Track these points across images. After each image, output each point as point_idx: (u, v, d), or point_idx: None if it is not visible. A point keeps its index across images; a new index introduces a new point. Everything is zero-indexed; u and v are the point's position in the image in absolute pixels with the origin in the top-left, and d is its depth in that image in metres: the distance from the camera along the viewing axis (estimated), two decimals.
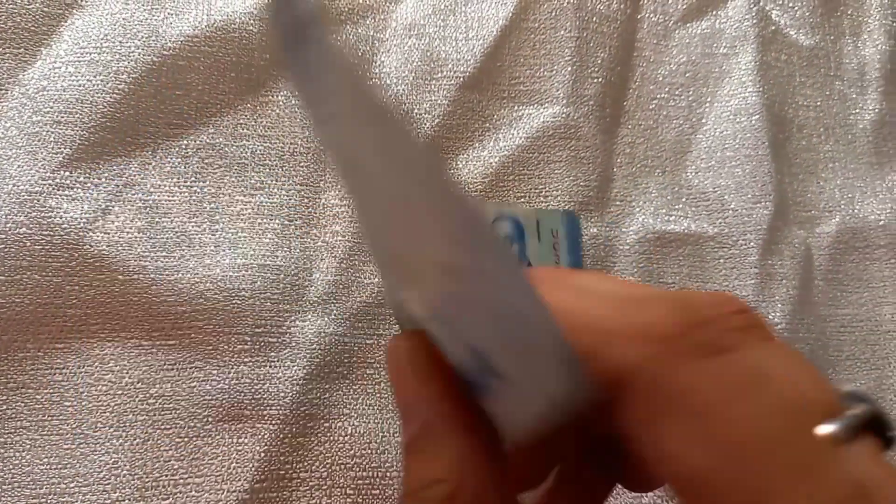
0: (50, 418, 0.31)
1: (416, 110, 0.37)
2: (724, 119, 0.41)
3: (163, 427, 0.32)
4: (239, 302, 0.33)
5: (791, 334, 0.38)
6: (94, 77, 0.34)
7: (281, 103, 0.37)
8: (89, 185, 0.33)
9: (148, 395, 0.32)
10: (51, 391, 0.31)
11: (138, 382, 0.32)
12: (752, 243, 0.38)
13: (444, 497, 0.19)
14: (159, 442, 0.32)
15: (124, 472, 0.31)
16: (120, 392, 0.32)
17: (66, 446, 0.31)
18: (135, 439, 0.32)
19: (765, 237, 0.38)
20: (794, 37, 0.44)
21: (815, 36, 0.43)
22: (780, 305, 0.38)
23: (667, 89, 0.42)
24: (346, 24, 0.39)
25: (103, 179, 0.34)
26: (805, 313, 0.39)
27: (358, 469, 0.33)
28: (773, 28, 0.43)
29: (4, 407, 0.31)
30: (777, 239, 0.39)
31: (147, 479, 0.31)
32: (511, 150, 0.38)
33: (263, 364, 0.33)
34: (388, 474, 0.33)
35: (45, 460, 0.31)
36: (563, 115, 0.39)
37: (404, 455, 0.20)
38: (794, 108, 0.42)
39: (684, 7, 0.43)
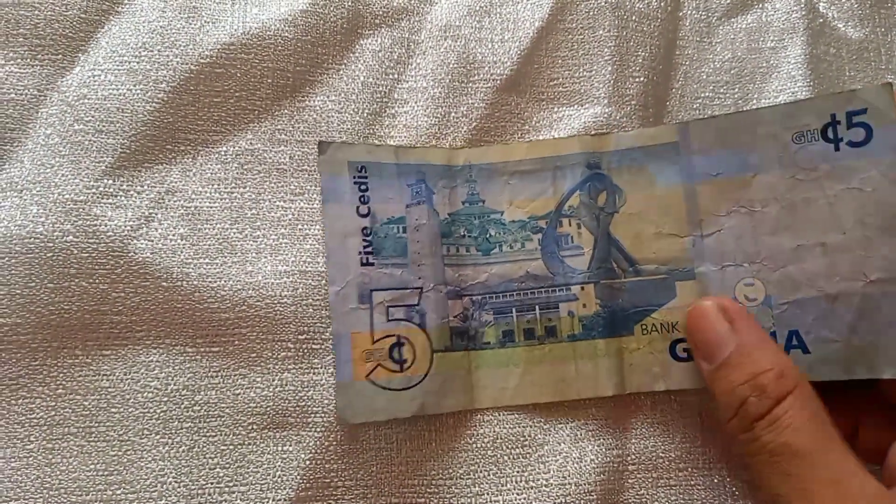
0: (97, 425, 0.33)
1: (452, 114, 0.39)
2: None
3: (208, 434, 0.34)
4: (281, 309, 0.35)
5: None
6: (135, 86, 0.36)
7: (318, 108, 0.39)
8: (132, 192, 0.36)
9: (193, 402, 0.34)
10: (98, 397, 0.34)
11: (183, 389, 0.34)
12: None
13: (777, 376, 0.30)
14: (205, 449, 0.34)
15: (170, 479, 0.33)
16: (166, 399, 0.34)
17: (112, 453, 0.33)
18: (180, 447, 0.34)
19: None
20: (842, 29, 0.45)
21: (864, 28, 0.45)
22: None
23: (711, 87, 0.43)
24: (380, 27, 0.41)
25: (146, 187, 0.36)
26: None
27: (403, 477, 0.35)
28: (822, 20, 0.45)
29: (53, 413, 0.33)
30: None
31: (193, 487, 0.33)
32: None
33: (307, 371, 0.35)
34: (433, 482, 0.35)
35: (92, 467, 0.33)
36: (605, 116, 0.40)
37: (718, 374, 0.32)
38: None
39: (728, 2, 0.44)
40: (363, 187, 0.37)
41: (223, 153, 0.37)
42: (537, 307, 0.37)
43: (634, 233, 0.38)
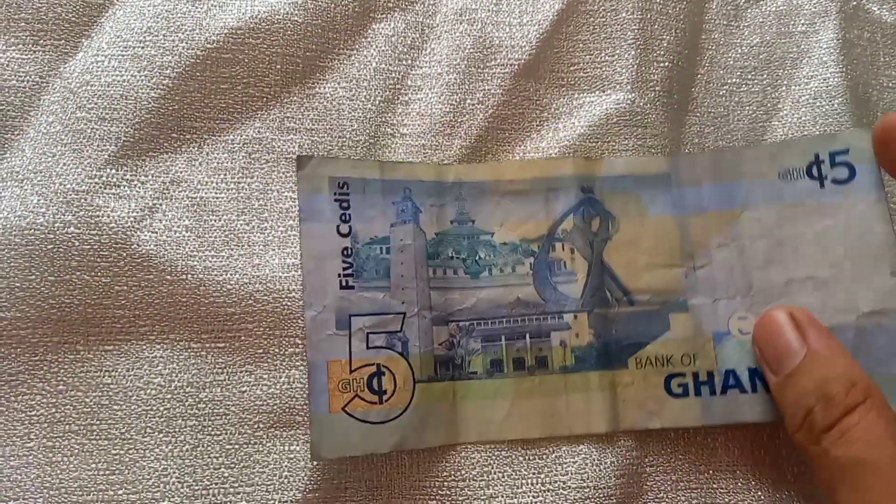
0: (99, 422, 0.32)
1: (468, 101, 0.38)
2: (802, 103, 0.41)
3: (213, 433, 0.33)
4: (289, 304, 0.34)
5: None
6: (139, 72, 0.35)
7: (328, 95, 0.37)
8: (136, 182, 0.35)
9: (198, 399, 0.33)
10: (100, 394, 0.33)
11: (188, 386, 0.33)
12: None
13: (847, 386, 0.29)
14: (209, 449, 0.33)
15: (173, 479, 0.32)
16: (169, 396, 0.33)
17: (114, 452, 0.32)
18: (184, 445, 0.33)
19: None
20: (876, 13, 0.43)
21: None
22: None
23: (738, 73, 0.42)
24: (393, 11, 0.39)
25: (150, 177, 0.35)
26: None
27: (414, 478, 0.34)
28: (855, 3, 0.43)
29: (53, 410, 0.32)
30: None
31: (196, 488, 0.32)
32: (572, 140, 0.38)
33: None
34: (445, 483, 0.34)
35: (94, 466, 0.32)
36: (628, 102, 0.39)
37: (786, 384, 0.31)
38: (878, 89, 0.42)
39: None
40: (344, 205, 0.35)
41: (230, 142, 0.36)
42: (528, 335, 0.35)
43: (627, 261, 0.36)
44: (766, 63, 0.42)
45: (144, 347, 0.33)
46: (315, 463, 0.33)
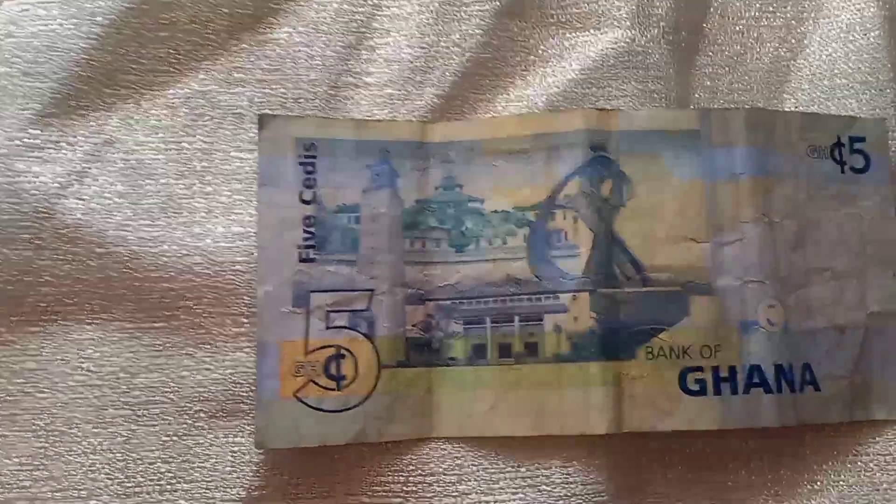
0: (21, 412, 0.29)
1: (442, 43, 0.33)
2: (832, 38, 0.35)
3: (148, 424, 0.30)
4: (233, 277, 0.30)
5: None
6: (67, 20, 0.31)
7: (283, 42, 0.33)
8: (63, 144, 0.31)
9: (132, 386, 0.30)
10: (23, 381, 0.29)
11: (121, 372, 0.30)
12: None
13: None
14: (143, 441, 0.29)
15: (103, 475, 0.29)
16: (100, 383, 0.30)
17: (38, 444, 0.29)
18: (116, 437, 0.29)
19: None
20: None
21: None
22: None
23: (758, 5, 0.36)
24: None
25: (79, 138, 0.31)
26: None
27: (376, 473, 0.30)
28: None
29: None
30: None
31: (128, 485, 0.29)
32: (563, 86, 0.33)
33: None
34: (411, 479, 0.30)
35: (16, 460, 0.29)
36: (627, 41, 0.34)
37: None
38: None
39: None
40: (309, 169, 0.31)
41: (170, 97, 0.32)
42: (517, 318, 0.31)
43: (644, 233, 0.31)
44: None
45: (72, 329, 0.30)
46: (262, 456, 0.29)
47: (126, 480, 0.29)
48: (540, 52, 0.34)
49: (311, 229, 0.30)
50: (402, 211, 0.31)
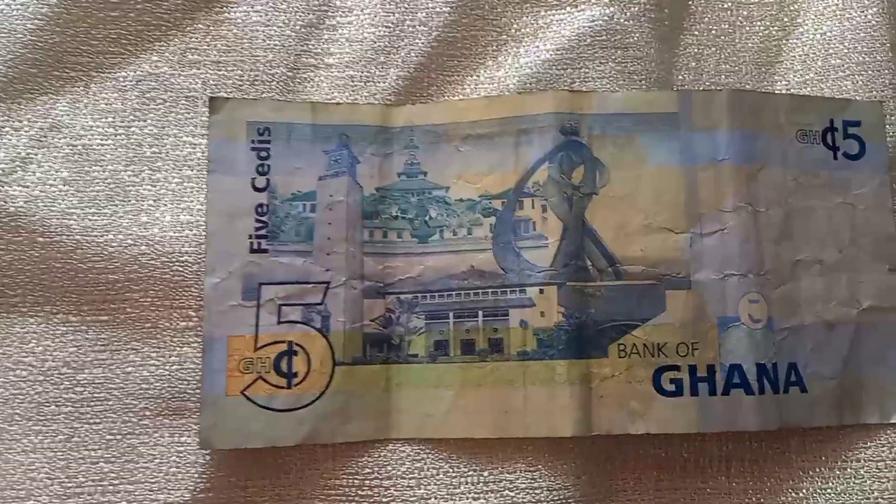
0: None
1: (407, 22, 0.32)
2: (827, 16, 0.33)
3: (91, 421, 0.28)
4: (181, 269, 0.29)
5: None
6: (13, 0, 0.30)
7: (239, 21, 0.32)
8: (7, 129, 0.30)
9: (75, 382, 0.29)
10: None
11: (63, 367, 0.29)
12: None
13: None
14: (86, 439, 0.28)
15: (42, 475, 0.28)
16: (42, 378, 0.29)
17: None
18: (57, 436, 0.28)
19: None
20: None
21: None
22: None
23: None
24: None
25: (24, 122, 0.30)
26: None
27: (330, 476, 0.28)
28: None
29: None
30: None
31: (69, 485, 0.28)
32: (536, 67, 0.31)
33: None
34: (367, 482, 0.28)
35: None
36: (606, 18, 0.32)
37: None
38: None
39: None
40: (263, 154, 0.29)
41: (121, 79, 0.31)
42: (481, 313, 0.29)
43: (617, 223, 0.29)
44: None
45: (14, 321, 0.29)
46: (209, 457, 0.28)
47: (67, 480, 0.28)
48: (512, 31, 0.33)
49: (264, 218, 0.29)
50: (362, 199, 0.30)
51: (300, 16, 0.32)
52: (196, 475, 0.28)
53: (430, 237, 0.30)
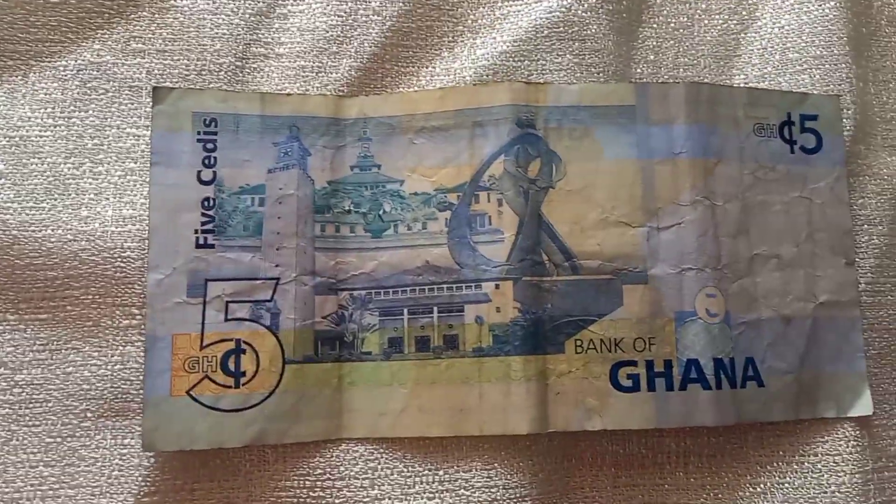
0: None
1: (360, 12, 0.31)
2: (785, 9, 0.33)
3: (30, 424, 0.28)
4: (122, 265, 0.28)
5: (875, 297, 0.31)
6: None
7: (186, 9, 0.31)
8: None
9: (12, 382, 0.28)
10: None
11: (1, 367, 0.28)
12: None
13: None
14: (25, 442, 0.27)
15: None
16: None
17: None
18: None
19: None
20: None
21: None
22: (863, 258, 0.30)
23: None
24: None
25: None
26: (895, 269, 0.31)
27: (280, 478, 0.28)
28: None
29: None
30: (858, 168, 0.31)
31: (7, 490, 0.27)
32: (493, 59, 0.31)
33: None
34: (319, 482, 0.28)
35: None
36: (563, 10, 0.32)
37: None
38: None
39: None
40: (209, 146, 0.28)
41: (61, 69, 0.30)
42: (436, 309, 0.29)
43: (573, 216, 0.29)
44: None
45: None
46: (152, 459, 0.27)
47: (4, 485, 0.27)
48: (469, 21, 0.32)
49: (210, 212, 0.28)
50: (313, 192, 0.29)
51: (250, 4, 0.31)
52: (140, 478, 0.27)
53: (384, 232, 0.29)
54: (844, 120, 0.32)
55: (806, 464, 0.30)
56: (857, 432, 0.30)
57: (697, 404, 0.28)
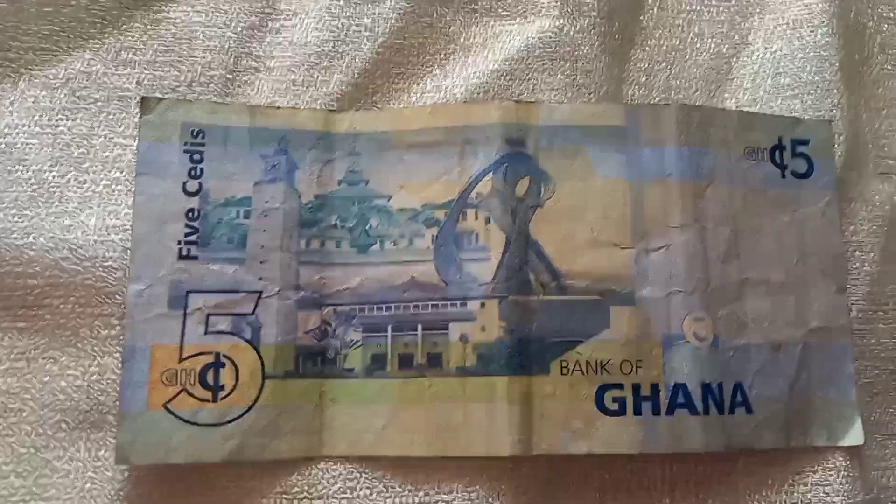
0: None
1: (352, 27, 0.31)
2: (777, 35, 0.34)
3: (2, 433, 0.27)
4: (104, 274, 0.28)
5: (866, 325, 0.31)
6: None
7: (178, 21, 0.31)
8: None
9: None
10: None
11: None
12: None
13: None
14: None
15: None
16: None
17: None
18: None
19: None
20: None
21: None
22: (855, 284, 0.31)
23: None
24: None
25: None
26: (888, 296, 0.31)
27: (257, 493, 0.28)
28: None
29: None
30: (849, 195, 0.32)
31: None
32: (483, 77, 0.31)
33: None
34: (297, 500, 0.27)
35: None
36: (555, 30, 0.32)
37: None
38: (875, 19, 0.35)
39: None
40: (196, 157, 0.29)
41: (51, 77, 0.30)
42: (420, 327, 0.29)
43: (562, 235, 0.29)
44: None
45: None
46: (127, 473, 0.27)
47: None
48: (461, 40, 0.32)
49: (195, 223, 0.28)
50: (300, 206, 0.29)
51: (242, 17, 0.31)
52: (113, 492, 0.27)
53: (370, 247, 0.29)
54: (836, 146, 0.32)
55: (795, 493, 0.29)
56: (849, 462, 0.29)
57: (685, 430, 0.28)
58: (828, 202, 0.31)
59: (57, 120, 0.30)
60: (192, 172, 0.28)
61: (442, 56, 0.32)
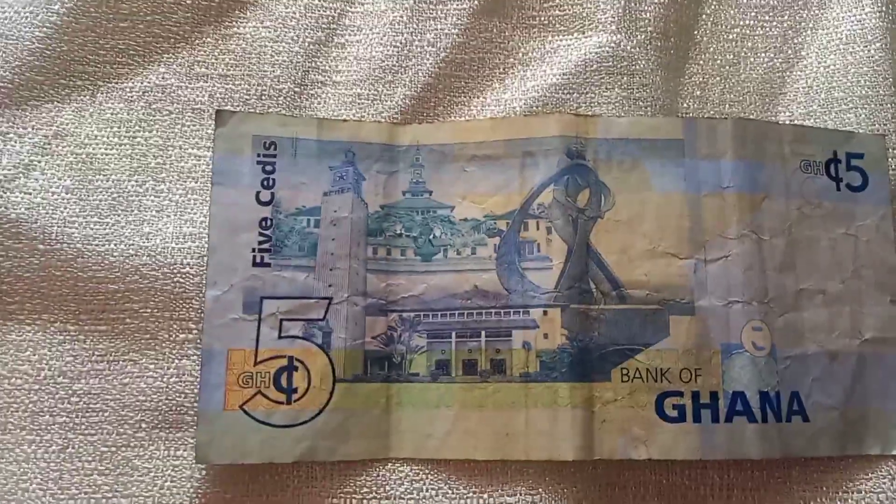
0: None
1: (416, 43, 0.33)
2: (831, 49, 0.34)
3: (86, 432, 0.29)
4: (182, 280, 0.29)
5: None
6: (22, 8, 0.31)
7: (248, 36, 0.33)
8: (12, 135, 0.30)
9: (70, 392, 0.29)
10: None
11: (60, 376, 0.29)
12: (870, 214, 0.32)
13: None
14: (80, 451, 0.29)
15: (34, 486, 0.28)
16: (37, 387, 0.29)
17: None
18: (51, 446, 0.28)
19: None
20: None
21: None
22: None
23: (753, 13, 0.35)
24: None
25: (29, 129, 0.31)
26: None
27: (326, 493, 0.29)
28: None
29: None
30: None
31: (62, 497, 0.28)
32: (542, 90, 0.32)
33: None
34: (366, 501, 0.28)
35: None
36: (612, 45, 0.33)
37: None
38: None
39: None
40: (268, 168, 0.30)
41: (128, 90, 0.32)
42: (484, 333, 0.30)
43: (622, 246, 0.30)
44: (788, 1, 0.35)
45: (11, 329, 0.29)
46: (204, 472, 0.28)
47: (59, 492, 0.28)
48: (520, 54, 0.34)
49: (268, 232, 0.29)
50: (366, 216, 0.30)
51: (309, 32, 0.33)
52: (191, 490, 0.28)
53: (434, 256, 0.30)
54: (890, 159, 0.33)
55: (850, 501, 0.30)
56: None
57: (743, 437, 0.29)
58: (882, 216, 0.32)
59: (134, 131, 0.31)
60: (265, 183, 0.30)
61: (501, 70, 0.33)
